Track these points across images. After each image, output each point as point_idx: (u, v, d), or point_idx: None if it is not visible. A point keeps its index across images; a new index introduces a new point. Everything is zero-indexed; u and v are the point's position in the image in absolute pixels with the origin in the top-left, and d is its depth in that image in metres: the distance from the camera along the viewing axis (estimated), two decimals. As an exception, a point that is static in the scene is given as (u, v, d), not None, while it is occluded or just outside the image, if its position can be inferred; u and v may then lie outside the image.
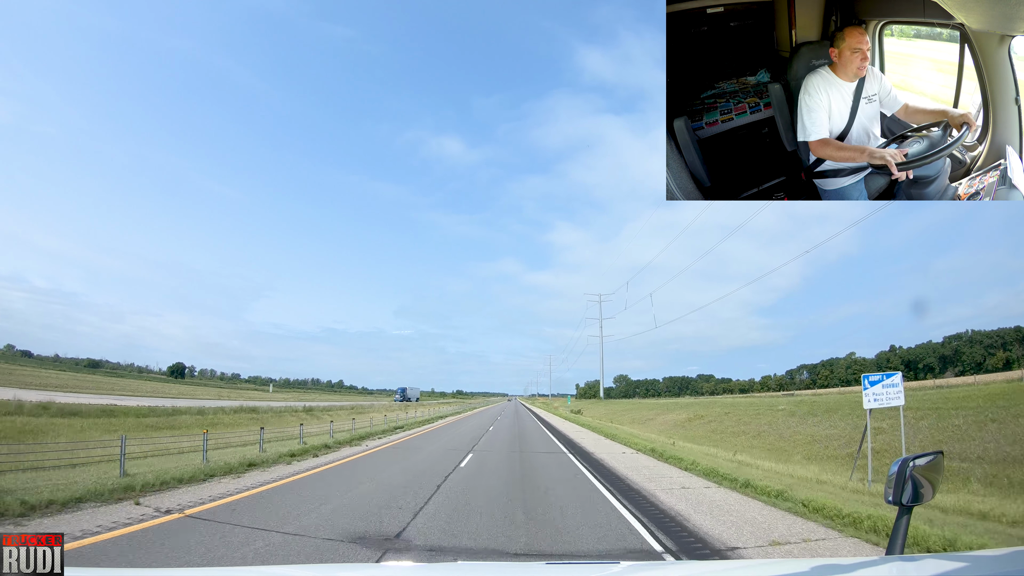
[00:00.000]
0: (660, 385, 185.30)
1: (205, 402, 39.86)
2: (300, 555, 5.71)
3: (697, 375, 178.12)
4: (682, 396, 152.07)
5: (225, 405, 36.77)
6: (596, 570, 2.41)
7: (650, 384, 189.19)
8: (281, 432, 21.35)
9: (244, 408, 35.21)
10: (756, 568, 2.72)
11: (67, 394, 33.86)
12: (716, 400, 67.84)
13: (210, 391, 75.87)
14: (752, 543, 6.60)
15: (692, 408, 44.99)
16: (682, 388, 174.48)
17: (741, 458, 17.23)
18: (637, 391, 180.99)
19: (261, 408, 36.85)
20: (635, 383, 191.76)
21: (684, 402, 62.23)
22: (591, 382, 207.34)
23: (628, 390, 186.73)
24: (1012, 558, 1.63)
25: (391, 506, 8.35)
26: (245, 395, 71.52)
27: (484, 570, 2.93)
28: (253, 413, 32.87)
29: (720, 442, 26.83)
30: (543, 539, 6.62)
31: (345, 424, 26.02)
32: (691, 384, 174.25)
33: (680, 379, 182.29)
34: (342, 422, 27.29)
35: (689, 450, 18.88)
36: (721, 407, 41.61)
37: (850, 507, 7.80)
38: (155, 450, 13.98)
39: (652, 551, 6.34)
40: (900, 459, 1.68)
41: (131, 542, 5.89)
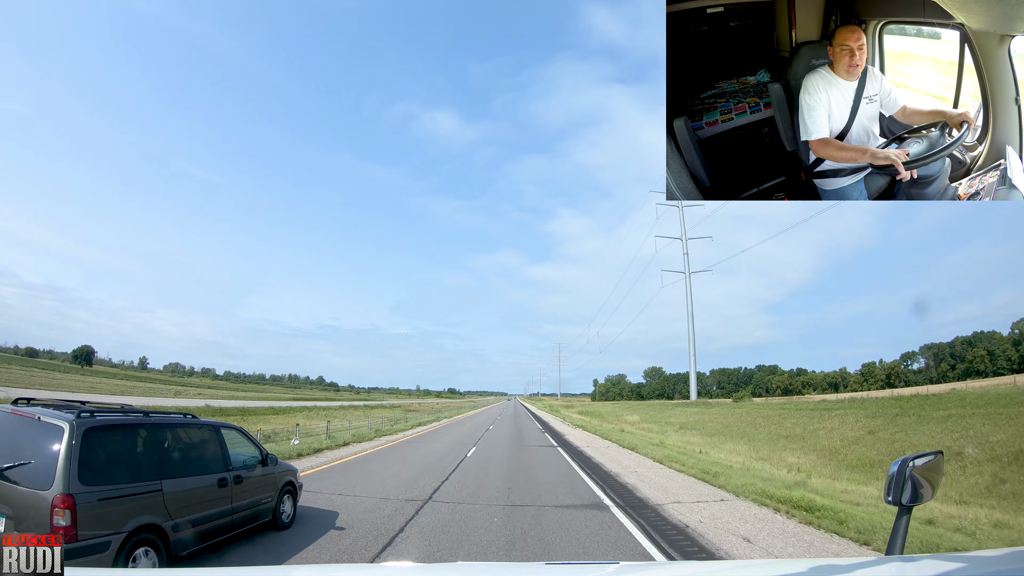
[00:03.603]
0: (708, 380, 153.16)
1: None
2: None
3: (757, 366, 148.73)
4: (735, 397, 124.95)
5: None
6: (594, 570, 2.42)
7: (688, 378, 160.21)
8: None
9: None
10: (755, 568, 2.72)
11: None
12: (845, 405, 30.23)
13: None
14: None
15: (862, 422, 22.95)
16: (741, 383, 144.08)
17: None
18: (676, 388, 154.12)
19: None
20: (671, 378, 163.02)
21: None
22: (613, 377, 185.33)
23: (664, 387, 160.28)
24: (1012, 558, 1.63)
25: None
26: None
27: (484, 570, 2.93)
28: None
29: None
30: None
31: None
32: (752, 378, 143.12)
33: (735, 372, 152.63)
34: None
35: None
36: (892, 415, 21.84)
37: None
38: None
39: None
40: (900, 459, 1.68)
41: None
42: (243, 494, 6.51)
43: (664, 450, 19.29)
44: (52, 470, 4.43)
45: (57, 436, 4.56)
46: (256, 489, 6.84)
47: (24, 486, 4.44)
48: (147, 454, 5.39)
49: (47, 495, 4.33)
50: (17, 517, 4.38)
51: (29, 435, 4.71)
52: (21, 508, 4.39)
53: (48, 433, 4.61)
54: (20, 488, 4.43)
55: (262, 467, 7.08)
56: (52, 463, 4.45)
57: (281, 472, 7.56)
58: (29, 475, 4.49)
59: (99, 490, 4.61)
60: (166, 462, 5.54)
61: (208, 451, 6.22)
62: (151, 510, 5.05)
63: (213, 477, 6.05)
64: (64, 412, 4.86)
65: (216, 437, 6.43)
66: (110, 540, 4.58)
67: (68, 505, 4.31)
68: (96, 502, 4.54)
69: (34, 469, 4.50)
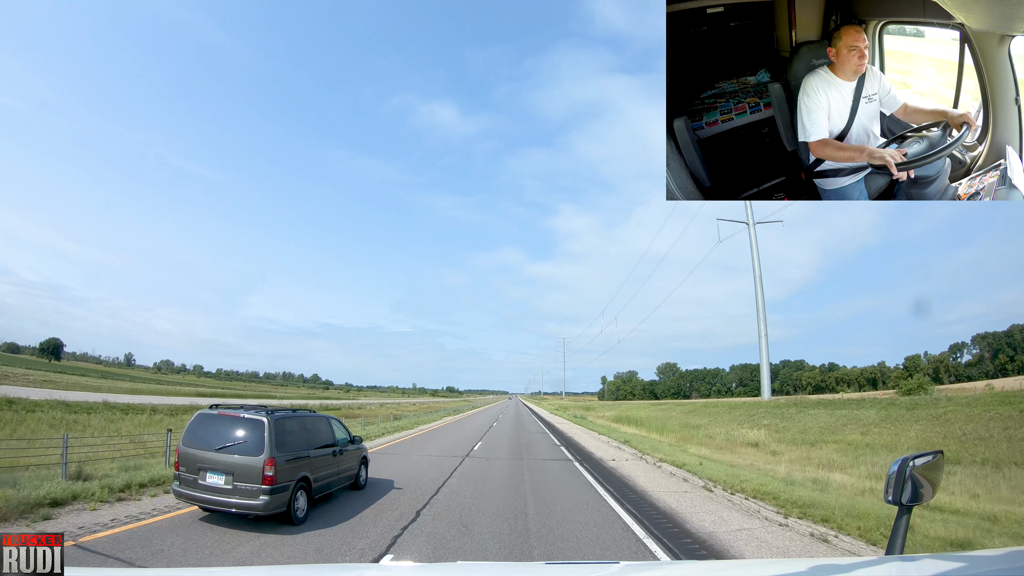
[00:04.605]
0: (728, 376, 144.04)
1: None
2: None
3: (781, 361, 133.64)
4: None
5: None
6: (594, 570, 2.41)
7: (710, 375, 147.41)
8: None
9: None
10: (754, 568, 2.72)
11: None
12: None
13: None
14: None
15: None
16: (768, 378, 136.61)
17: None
18: (692, 386, 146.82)
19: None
20: (688, 374, 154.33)
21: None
22: (623, 374, 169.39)
23: (678, 385, 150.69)
24: (1012, 558, 1.63)
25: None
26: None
27: (484, 570, 2.93)
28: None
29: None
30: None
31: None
32: (778, 374, 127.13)
33: (758, 367, 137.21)
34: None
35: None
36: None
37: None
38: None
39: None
40: (900, 459, 1.68)
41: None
42: (342, 462, 9.26)
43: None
44: (261, 444, 7.06)
45: (260, 425, 7.18)
46: (348, 459, 9.56)
47: (239, 455, 7.01)
48: (300, 434, 8.01)
49: (259, 459, 6.94)
50: (236, 475, 6.92)
51: (238, 426, 7.25)
52: (239, 468, 6.93)
53: (254, 424, 7.21)
54: (236, 456, 7.01)
55: (351, 445, 9.83)
56: (260, 440, 7.08)
57: (360, 449, 10.29)
58: (243, 448, 7.05)
59: (283, 455, 7.26)
60: (309, 439, 8.23)
61: (325, 433, 8.96)
62: (305, 468, 7.74)
63: (329, 449, 8.78)
64: (260, 411, 7.52)
65: (329, 424, 9.28)
66: (289, 484, 7.20)
67: (272, 464, 6.97)
68: (283, 462, 7.18)
69: (246, 445, 7.08)
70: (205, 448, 7.09)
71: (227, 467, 6.94)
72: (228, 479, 6.90)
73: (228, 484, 6.87)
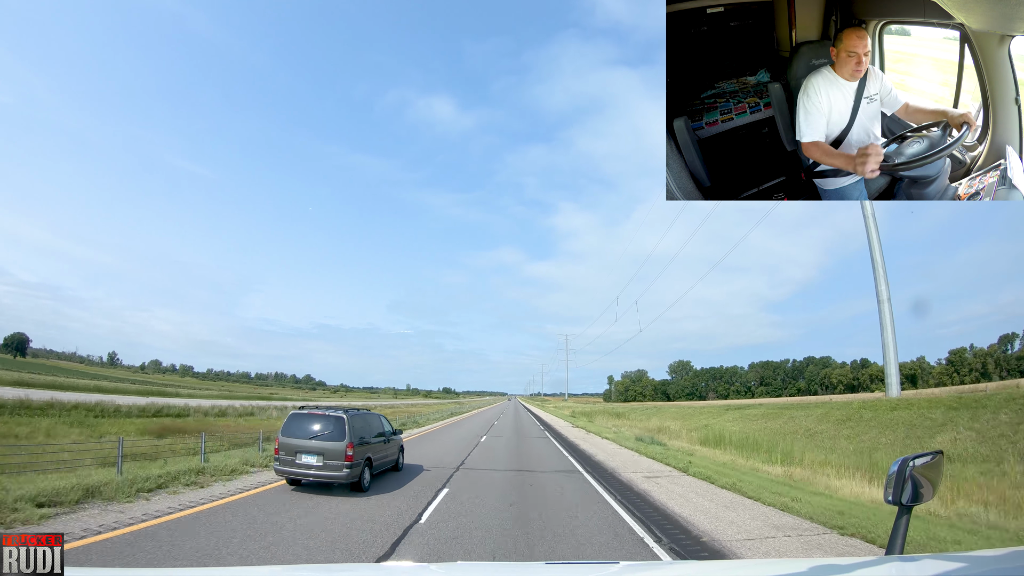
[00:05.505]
0: (747, 375, 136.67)
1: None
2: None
3: (806, 358, 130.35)
4: (779, 393, 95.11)
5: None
6: (595, 570, 2.41)
7: (727, 374, 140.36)
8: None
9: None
10: (755, 568, 2.72)
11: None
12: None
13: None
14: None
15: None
16: (788, 378, 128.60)
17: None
18: (708, 386, 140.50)
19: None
20: (703, 373, 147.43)
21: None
22: (632, 374, 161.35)
23: (693, 384, 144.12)
24: (1012, 558, 1.63)
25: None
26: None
27: (484, 570, 2.93)
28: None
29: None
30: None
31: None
32: (804, 371, 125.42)
33: (780, 365, 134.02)
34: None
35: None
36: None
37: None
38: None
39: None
40: (900, 459, 1.68)
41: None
42: (388, 448, 12.20)
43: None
44: (343, 433, 9.87)
45: (341, 420, 10.06)
46: (392, 446, 12.60)
47: (328, 440, 9.78)
48: (364, 427, 10.83)
49: (343, 444, 9.74)
50: (325, 455, 9.66)
51: (324, 421, 10.10)
52: (328, 450, 9.67)
53: (337, 419, 10.08)
54: (326, 442, 9.76)
55: (394, 435, 12.94)
56: (342, 430, 9.90)
57: (400, 439, 13.62)
58: (329, 436, 9.83)
59: (357, 440, 10.11)
60: (370, 430, 11.14)
61: (377, 425, 11.82)
62: (368, 451, 10.60)
63: (382, 438, 11.78)
64: (337, 410, 10.58)
65: (380, 419, 12.27)
66: (360, 462, 10.03)
67: (352, 447, 9.82)
68: (358, 445, 10.06)
69: (331, 433, 9.86)
70: (300, 437, 9.88)
71: (319, 449, 9.71)
72: (319, 458, 9.68)
73: (319, 462, 9.65)
